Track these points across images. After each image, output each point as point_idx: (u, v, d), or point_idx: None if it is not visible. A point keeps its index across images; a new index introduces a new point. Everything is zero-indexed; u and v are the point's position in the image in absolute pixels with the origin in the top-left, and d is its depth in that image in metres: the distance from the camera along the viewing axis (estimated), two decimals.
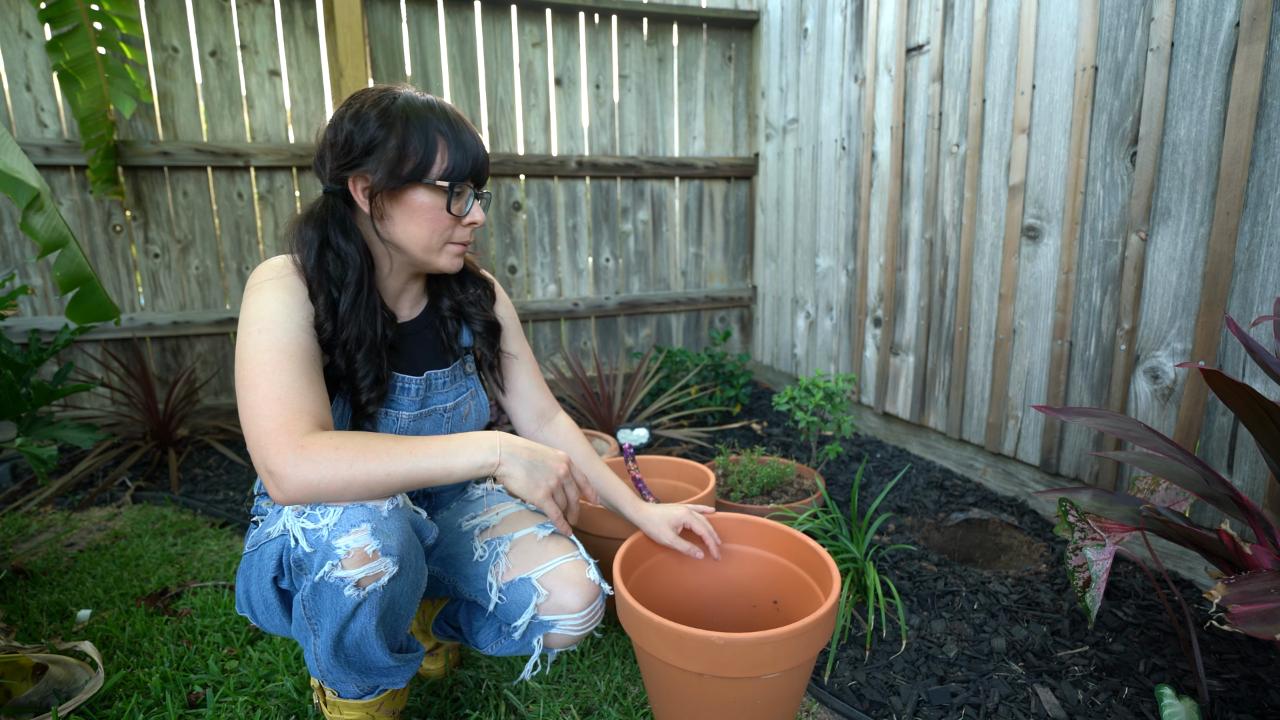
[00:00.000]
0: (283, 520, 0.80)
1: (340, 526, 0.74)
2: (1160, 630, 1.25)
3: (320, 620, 0.77)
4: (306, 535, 0.75)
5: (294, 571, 0.79)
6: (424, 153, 0.84)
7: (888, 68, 2.25)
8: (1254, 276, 1.29)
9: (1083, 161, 1.60)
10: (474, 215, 0.91)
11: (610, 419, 2.31)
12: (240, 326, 0.82)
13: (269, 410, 0.75)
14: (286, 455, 0.73)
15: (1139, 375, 1.53)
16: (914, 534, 1.71)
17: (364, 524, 0.75)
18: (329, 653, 0.79)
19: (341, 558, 0.73)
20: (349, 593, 0.74)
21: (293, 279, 0.86)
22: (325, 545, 0.74)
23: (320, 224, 0.87)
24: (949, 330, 2.07)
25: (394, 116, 0.84)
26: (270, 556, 0.82)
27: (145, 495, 2.02)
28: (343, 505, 0.75)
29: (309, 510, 0.76)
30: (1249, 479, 1.33)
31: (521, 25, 2.82)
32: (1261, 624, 0.69)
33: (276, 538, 0.82)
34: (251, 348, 0.79)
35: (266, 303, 0.82)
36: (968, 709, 1.08)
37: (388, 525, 0.77)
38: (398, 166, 0.84)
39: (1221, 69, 1.32)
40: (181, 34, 2.45)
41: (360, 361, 0.88)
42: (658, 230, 3.17)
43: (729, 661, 0.83)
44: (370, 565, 0.74)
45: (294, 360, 0.80)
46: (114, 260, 2.50)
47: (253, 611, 0.88)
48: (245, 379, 0.78)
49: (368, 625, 0.78)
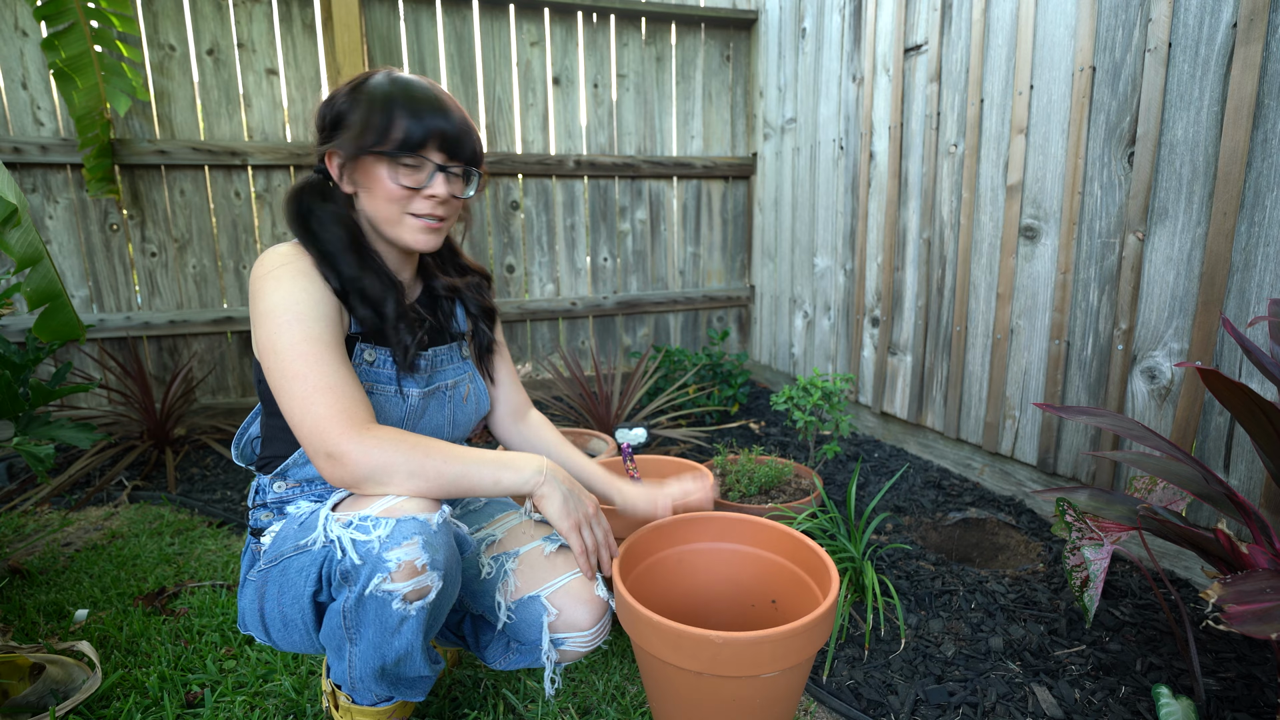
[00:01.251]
0: (323, 530, 0.79)
1: (393, 539, 0.74)
2: (1157, 629, 1.25)
3: (361, 631, 0.77)
4: (356, 546, 0.75)
5: (335, 583, 0.79)
6: (381, 124, 0.85)
7: (886, 68, 2.25)
8: (1250, 277, 1.29)
9: (1080, 162, 1.61)
10: (433, 188, 0.88)
11: (608, 418, 2.31)
12: (264, 316, 0.82)
13: (324, 399, 0.77)
14: (354, 438, 0.76)
15: (1136, 375, 1.53)
16: (912, 533, 1.71)
17: (416, 537, 0.75)
18: (367, 662, 0.79)
19: (392, 570, 0.73)
20: (397, 606, 0.74)
21: (305, 262, 0.87)
22: (375, 557, 0.74)
23: (298, 195, 0.91)
24: (947, 330, 2.08)
25: (361, 92, 0.87)
26: (305, 569, 0.81)
27: (142, 495, 2.02)
28: (395, 517, 0.75)
29: (358, 521, 0.76)
30: (1245, 478, 1.33)
31: (519, 24, 2.82)
32: (1257, 623, 0.69)
33: (315, 549, 0.80)
34: (287, 339, 0.80)
35: (290, 291, 0.82)
36: (965, 708, 1.08)
37: (437, 539, 0.77)
38: (359, 138, 0.86)
39: (1219, 70, 1.32)
40: (178, 32, 2.44)
41: (390, 310, 0.89)
42: (656, 230, 3.17)
43: (728, 660, 0.83)
44: (419, 579, 0.75)
45: (331, 350, 0.81)
46: (110, 259, 2.49)
47: (265, 628, 0.87)
48: (287, 371, 0.79)
49: (415, 640, 0.78)
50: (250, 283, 0.87)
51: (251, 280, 0.86)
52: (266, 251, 0.88)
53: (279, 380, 0.79)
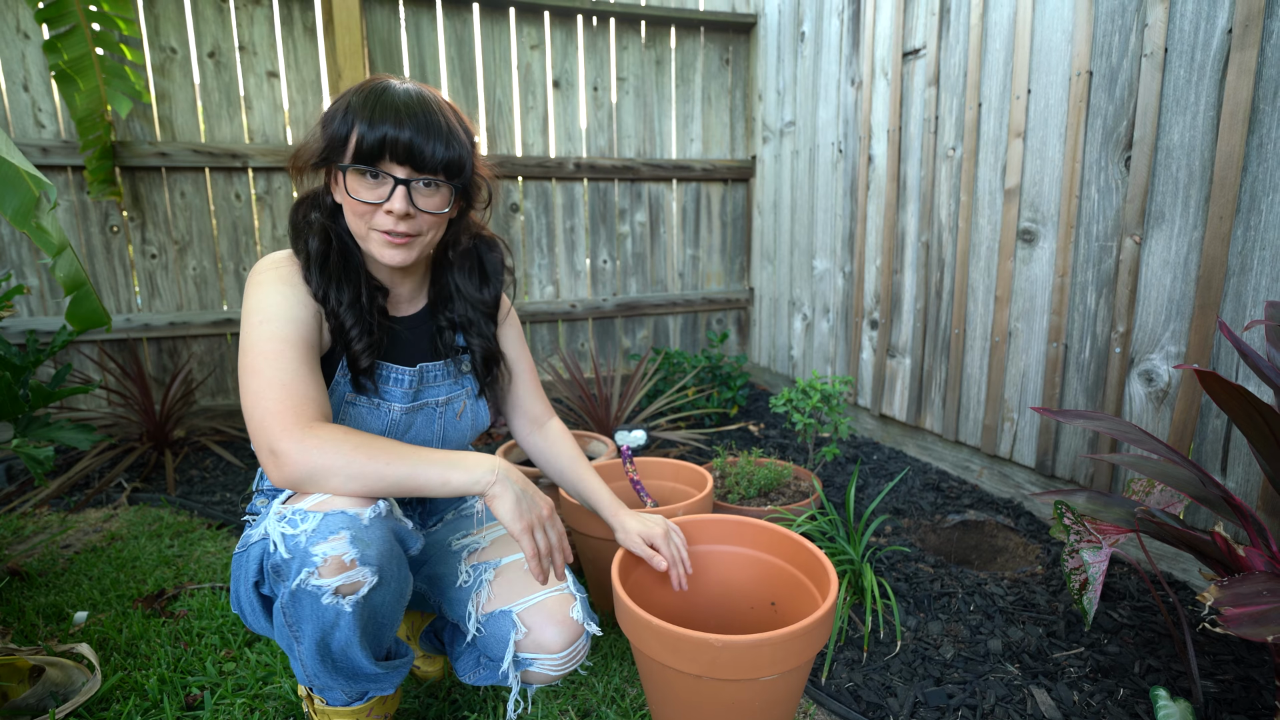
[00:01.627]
0: (264, 524, 0.80)
1: (319, 533, 0.73)
2: (1155, 632, 1.26)
3: (301, 627, 0.76)
4: (285, 541, 0.74)
5: (273, 577, 0.79)
6: (341, 135, 0.83)
7: (884, 71, 2.26)
8: (1247, 280, 1.30)
9: (1077, 165, 1.61)
10: (392, 204, 0.83)
11: (608, 421, 2.32)
12: (243, 319, 0.85)
13: (274, 394, 0.77)
14: (294, 435, 0.75)
15: (1134, 378, 1.54)
16: (910, 535, 1.72)
17: (343, 531, 0.74)
18: (314, 659, 0.78)
19: (318, 565, 0.72)
20: (327, 601, 0.74)
21: (291, 270, 0.88)
22: (303, 552, 0.73)
23: (298, 205, 0.94)
24: (945, 333, 2.08)
25: (338, 105, 0.86)
26: (252, 560, 0.83)
27: (142, 496, 2.02)
28: (323, 511, 0.74)
29: (289, 515, 0.75)
30: (1242, 481, 1.34)
31: (520, 27, 2.83)
32: (1254, 626, 0.69)
33: (258, 541, 0.82)
34: (254, 337, 0.82)
35: (267, 294, 0.85)
36: (964, 710, 1.08)
37: (368, 534, 0.75)
38: (325, 150, 0.86)
39: (1214, 75, 1.33)
40: (180, 35, 2.45)
41: (345, 313, 0.88)
42: (655, 232, 3.18)
43: (727, 663, 0.83)
44: (348, 574, 0.74)
45: (295, 349, 0.82)
46: (111, 261, 2.50)
47: (242, 611, 0.89)
48: (248, 366, 0.80)
49: (350, 636, 0.77)
50: (246, 286, 0.89)
51: (247, 284, 0.89)
52: (263, 258, 0.90)
53: (241, 376, 0.81)
